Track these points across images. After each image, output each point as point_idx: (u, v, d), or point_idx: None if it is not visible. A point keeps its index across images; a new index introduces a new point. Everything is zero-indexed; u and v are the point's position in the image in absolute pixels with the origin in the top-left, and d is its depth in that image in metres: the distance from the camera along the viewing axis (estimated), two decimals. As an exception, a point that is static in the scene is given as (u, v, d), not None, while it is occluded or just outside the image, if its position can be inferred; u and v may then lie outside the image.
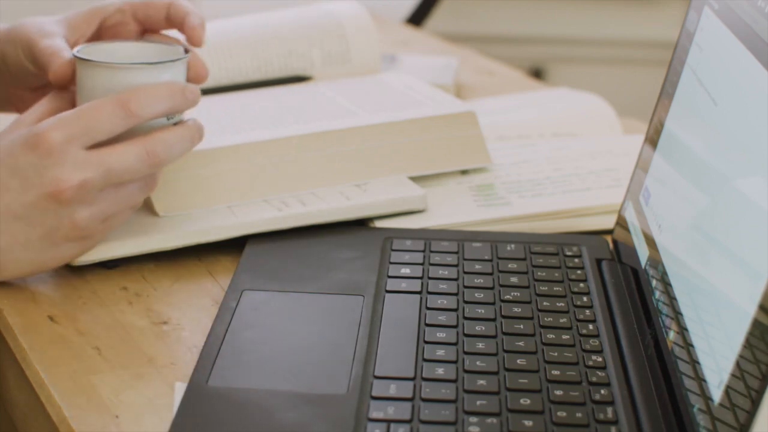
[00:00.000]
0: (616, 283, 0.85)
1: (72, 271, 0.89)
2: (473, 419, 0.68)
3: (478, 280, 0.85)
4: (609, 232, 0.95)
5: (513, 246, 0.91)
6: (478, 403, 0.70)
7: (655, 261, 0.80)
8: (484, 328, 0.79)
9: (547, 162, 1.06)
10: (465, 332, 0.78)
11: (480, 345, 0.76)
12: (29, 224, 0.81)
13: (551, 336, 0.78)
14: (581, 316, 0.81)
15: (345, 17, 1.20)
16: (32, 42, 0.91)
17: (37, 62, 0.91)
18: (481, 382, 0.72)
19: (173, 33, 0.95)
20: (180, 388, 0.72)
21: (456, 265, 0.88)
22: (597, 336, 0.78)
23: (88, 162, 0.81)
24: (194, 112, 1.04)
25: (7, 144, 0.82)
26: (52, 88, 0.89)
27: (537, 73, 2.77)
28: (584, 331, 0.79)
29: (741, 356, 0.61)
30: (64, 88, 0.88)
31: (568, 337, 0.78)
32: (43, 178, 0.80)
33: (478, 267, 0.87)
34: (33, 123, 0.84)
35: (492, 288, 0.84)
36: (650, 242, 0.82)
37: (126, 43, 0.90)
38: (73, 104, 0.86)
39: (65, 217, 0.82)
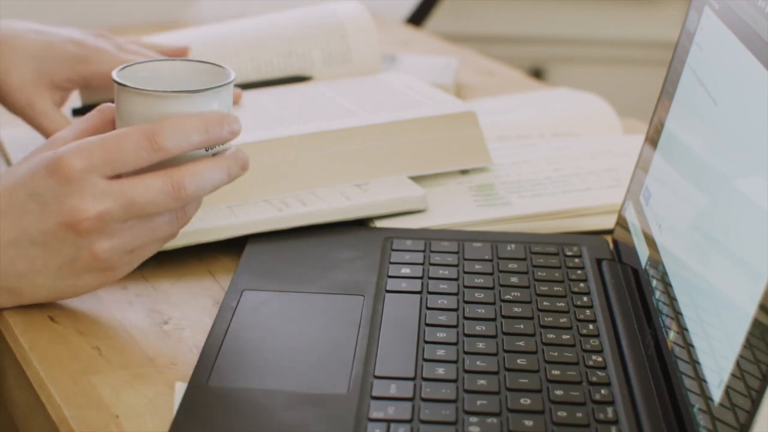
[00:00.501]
0: (616, 283, 0.85)
1: (72, 271, 0.89)
2: (473, 419, 0.68)
3: (479, 280, 0.85)
4: (609, 232, 0.95)
5: (513, 246, 0.91)
6: (479, 403, 0.70)
7: (655, 261, 0.80)
8: (484, 328, 0.79)
9: (547, 162, 1.06)
10: (465, 332, 0.78)
11: (480, 345, 0.76)
12: (47, 251, 0.78)
13: (551, 336, 0.78)
14: (581, 316, 0.81)
15: (345, 17, 1.20)
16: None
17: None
18: (482, 382, 0.72)
19: None
20: (180, 388, 0.72)
21: (456, 265, 0.88)
22: (597, 336, 0.78)
23: (109, 193, 0.76)
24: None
25: (31, 165, 0.78)
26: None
27: (537, 73, 2.77)
28: (584, 331, 0.79)
29: (741, 356, 0.61)
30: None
31: (568, 337, 0.78)
32: (62, 206, 0.77)
33: (478, 267, 0.87)
34: (68, 141, 0.80)
35: (492, 288, 0.84)
36: (650, 242, 0.82)
37: (173, 63, 0.84)
38: (113, 124, 0.82)
39: (84, 248, 0.78)
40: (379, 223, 0.95)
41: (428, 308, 0.81)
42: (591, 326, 0.80)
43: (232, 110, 0.81)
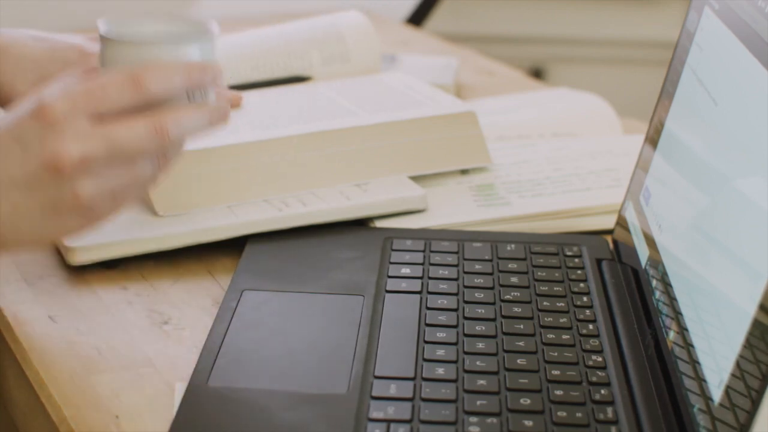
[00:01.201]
0: (616, 283, 0.85)
1: (72, 271, 0.89)
2: (473, 419, 0.68)
3: (479, 280, 0.85)
4: (609, 232, 0.95)
5: (513, 246, 0.91)
6: (478, 403, 0.70)
7: (655, 261, 0.80)
8: (484, 328, 0.79)
9: (547, 162, 1.06)
10: (465, 332, 0.78)
11: (480, 345, 0.76)
12: (30, 194, 0.77)
13: (551, 336, 0.78)
14: (581, 316, 0.81)
15: (344, 23, 1.20)
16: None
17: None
18: (481, 382, 0.72)
19: None
20: (180, 388, 0.72)
21: (456, 265, 0.88)
22: (597, 336, 0.78)
23: (92, 134, 0.77)
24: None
25: (16, 111, 0.79)
26: None
27: (537, 73, 2.77)
28: (584, 331, 0.79)
29: (741, 356, 0.61)
30: None
31: (568, 337, 0.78)
32: (45, 148, 0.77)
33: (478, 267, 0.87)
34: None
35: (492, 288, 0.84)
36: (650, 242, 0.82)
37: (155, 20, 0.84)
38: None
39: (67, 190, 0.77)
40: (379, 223, 0.95)
41: (428, 308, 0.81)
42: (591, 326, 0.80)
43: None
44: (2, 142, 0.78)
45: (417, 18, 1.93)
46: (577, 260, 0.89)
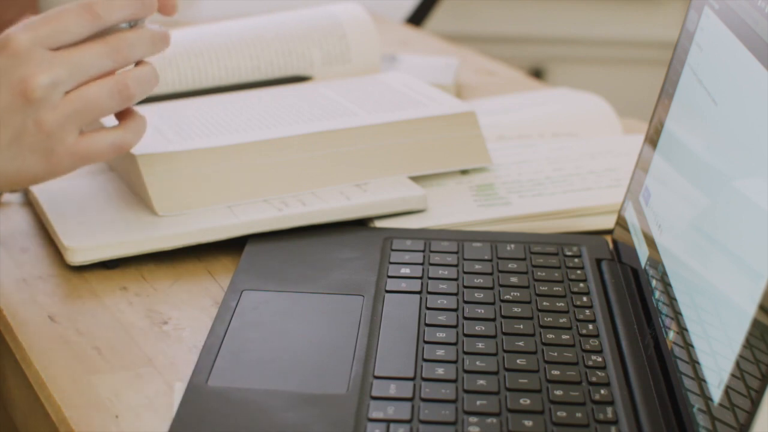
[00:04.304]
0: (616, 283, 0.85)
1: (72, 271, 0.89)
2: (473, 419, 0.68)
3: (478, 280, 0.85)
4: (609, 232, 0.95)
5: (513, 246, 0.91)
6: (478, 403, 0.70)
7: (655, 261, 0.80)
8: (484, 328, 0.79)
9: (547, 162, 1.06)
10: (465, 332, 0.78)
11: (480, 345, 0.76)
12: None
13: (551, 336, 0.78)
14: (581, 316, 0.81)
15: (345, 18, 1.20)
16: None
17: None
18: (481, 382, 0.72)
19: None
20: (180, 388, 0.72)
21: (456, 265, 0.88)
22: (597, 336, 0.78)
23: (55, 60, 0.82)
24: (195, 111, 1.04)
25: None
26: None
27: (537, 73, 2.77)
28: (584, 331, 0.79)
29: (741, 356, 0.61)
30: None
31: (568, 337, 0.78)
32: (12, 78, 0.81)
33: (478, 267, 0.87)
34: None
35: (492, 288, 0.84)
36: (650, 242, 0.82)
37: None
38: None
39: (30, 117, 0.82)
40: (379, 223, 0.95)
41: (428, 308, 0.81)
42: (591, 326, 0.80)
43: None
44: None
45: (417, 18, 1.93)
46: (576, 260, 0.89)
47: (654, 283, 0.80)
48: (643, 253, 0.84)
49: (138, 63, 0.87)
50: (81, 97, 0.83)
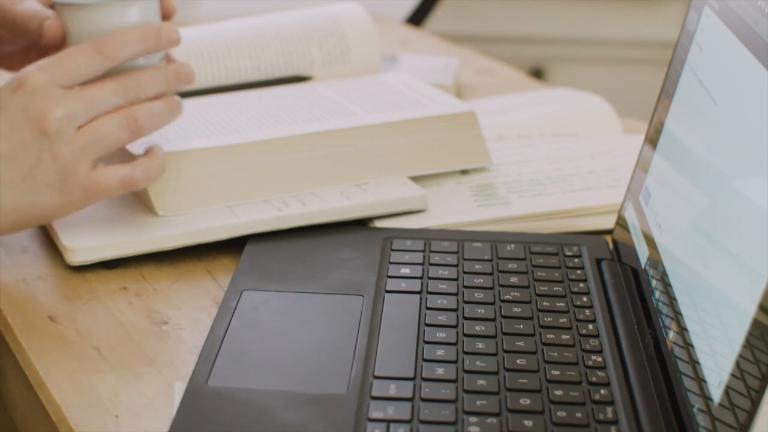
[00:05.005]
0: (616, 283, 0.85)
1: (72, 271, 0.89)
2: (473, 419, 0.68)
3: (478, 280, 0.85)
4: (609, 232, 0.95)
5: (513, 246, 0.91)
6: (478, 403, 0.70)
7: (655, 261, 0.80)
8: (484, 328, 0.79)
9: (548, 162, 1.06)
10: (465, 332, 0.78)
11: (480, 345, 0.76)
12: (14, 163, 0.84)
13: (551, 336, 0.78)
14: (581, 316, 0.81)
15: (345, 18, 1.20)
16: (3, 9, 0.96)
17: (15, 29, 0.96)
18: (481, 382, 0.72)
19: None
20: (180, 388, 0.72)
21: (456, 265, 0.88)
22: (597, 336, 0.78)
23: (69, 95, 0.85)
24: (195, 111, 1.04)
25: None
26: (34, 48, 0.96)
27: (537, 73, 2.77)
28: (584, 331, 0.79)
29: (741, 356, 0.61)
30: (59, 46, 0.92)
31: (568, 337, 0.78)
32: (29, 113, 0.84)
33: (478, 267, 0.87)
34: None
35: (492, 288, 0.84)
36: (650, 242, 0.82)
37: None
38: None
39: (46, 150, 0.84)
40: (379, 223, 0.95)
41: (428, 308, 0.81)
42: (591, 326, 0.80)
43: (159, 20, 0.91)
44: None
45: (417, 18, 1.93)
46: (576, 260, 0.89)
47: (654, 283, 0.80)
48: (643, 253, 0.84)
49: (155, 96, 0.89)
50: (93, 129, 0.86)
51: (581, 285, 0.85)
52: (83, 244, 0.89)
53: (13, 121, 0.84)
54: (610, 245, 0.92)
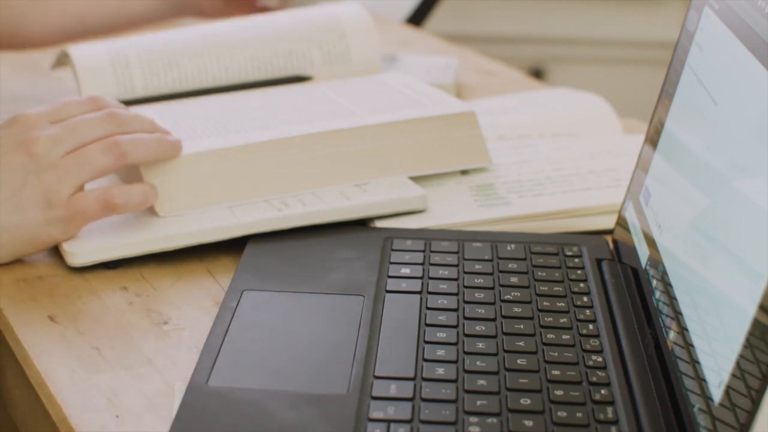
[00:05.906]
0: (616, 283, 0.85)
1: (72, 271, 0.89)
2: (473, 419, 0.68)
3: (478, 280, 0.85)
4: (609, 232, 0.95)
5: (513, 246, 0.91)
6: (479, 403, 0.70)
7: (655, 261, 0.80)
8: (484, 328, 0.79)
9: (548, 162, 1.06)
10: (465, 332, 0.78)
11: (480, 345, 0.76)
12: (0, 184, 0.87)
13: (551, 336, 0.78)
14: (581, 316, 0.81)
15: (345, 18, 1.20)
16: None
17: None
18: (482, 382, 0.72)
19: None
20: (180, 388, 0.72)
21: (456, 265, 0.88)
22: (597, 336, 0.78)
23: (59, 124, 0.89)
24: (195, 111, 1.04)
25: None
26: None
27: (537, 73, 2.77)
28: (584, 331, 0.79)
29: (741, 356, 0.61)
30: None
31: (568, 337, 0.78)
32: (18, 140, 0.88)
33: (478, 267, 0.87)
34: None
35: (492, 288, 0.84)
36: (650, 242, 0.82)
37: None
38: None
39: (32, 172, 0.87)
40: (379, 223, 0.95)
41: (428, 308, 0.81)
42: (591, 326, 0.80)
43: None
44: None
45: (417, 18, 1.93)
46: (577, 260, 0.89)
47: (654, 283, 0.80)
48: (643, 253, 0.84)
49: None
50: (78, 154, 0.89)
51: (581, 285, 0.85)
52: (84, 247, 0.89)
53: (3, 149, 0.87)
54: (611, 245, 0.92)
